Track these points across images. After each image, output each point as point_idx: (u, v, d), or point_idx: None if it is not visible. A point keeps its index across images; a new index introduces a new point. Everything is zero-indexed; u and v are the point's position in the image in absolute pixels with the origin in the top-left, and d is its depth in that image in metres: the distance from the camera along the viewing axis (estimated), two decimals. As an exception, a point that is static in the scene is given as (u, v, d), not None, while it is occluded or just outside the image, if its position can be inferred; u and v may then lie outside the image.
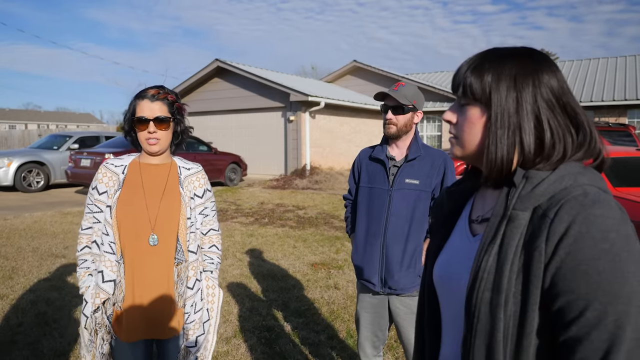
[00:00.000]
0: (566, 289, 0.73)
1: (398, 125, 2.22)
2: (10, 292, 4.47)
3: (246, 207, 9.76)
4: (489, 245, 0.83)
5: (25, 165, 11.66)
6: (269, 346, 3.38)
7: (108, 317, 1.81)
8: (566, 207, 0.76)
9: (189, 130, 1.93)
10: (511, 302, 0.78)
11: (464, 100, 0.90)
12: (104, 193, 1.83)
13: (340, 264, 5.55)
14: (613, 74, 19.09)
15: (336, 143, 16.27)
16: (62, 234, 6.98)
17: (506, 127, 0.84)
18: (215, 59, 15.83)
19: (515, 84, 0.84)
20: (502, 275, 0.79)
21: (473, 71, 0.88)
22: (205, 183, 1.96)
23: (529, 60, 0.86)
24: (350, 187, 2.55)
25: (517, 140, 0.84)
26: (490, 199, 0.94)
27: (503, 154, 0.85)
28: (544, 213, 0.78)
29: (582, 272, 0.72)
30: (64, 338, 3.47)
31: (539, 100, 0.83)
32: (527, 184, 0.82)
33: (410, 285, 2.21)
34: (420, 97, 2.27)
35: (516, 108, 0.84)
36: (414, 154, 2.23)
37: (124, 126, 1.85)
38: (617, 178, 4.99)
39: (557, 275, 0.74)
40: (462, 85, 0.89)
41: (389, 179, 2.25)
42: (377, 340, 2.38)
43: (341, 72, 21.04)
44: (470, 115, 0.90)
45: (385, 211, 2.23)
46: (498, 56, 0.87)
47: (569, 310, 0.73)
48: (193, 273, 1.88)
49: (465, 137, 0.91)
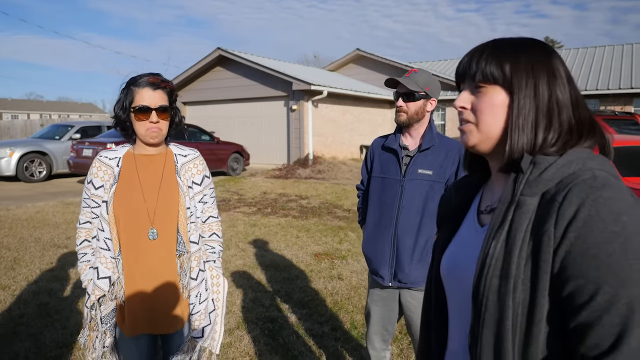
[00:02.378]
0: (576, 273, 0.71)
1: (409, 112, 2.15)
2: (12, 282, 4.45)
3: (249, 196, 9.73)
4: (496, 231, 0.81)
5: (28, 155, 11.64)
6: (272, 337, 3.35)
7: (108, 314, 1.77)
8: (575, 190, 0.74)
9: (182, 119, 1.88)
10: (520, 289, 0.76)
11: (482, 83, 0.87)
12: (100, 187, 1.78)
13: (343, 254, 5.52)
14: (619, 62, 18.89)
15: (339, 132, 16.19)
16: (65, 224, 6.97)
17: (527, 111, 0.84)
18: (217, 47, 15.71)
19: (533, 70, 0.84)
20: (510, 262, 0.77)
21: (489, 56, 0.87)
22: (203, 169, 1.89)
23: (541, 50, 0.87)
24: (363, 176, 2.47)
25: (537, 125, 0.84)
26: (498, 190, 0.93)
27: (525, 137, 0.84)
28: (553, 197, 0.76)
29: (592, 255, 0.70)
30: (66, 329, 3.45)
31: (553, 89, 0.84)
32: (534, 169, 0.80)
33: (421, 278, 2.16)
34: (434, 84, 2.18)
35: (534, 94, 0.84)
36: (427, 143, 2.16)
37: (118, 115, 1.75)
38: (624, 167, 4.89)
39: (567, 259, 0.72)
40: (481, 70, 0.87)
41: (402, 169, 2.19)
42: (386, 333, 2.34)
43: (344, 61, 20.88)
44: (491, 97, 0.87)
45: (396, 202, 2.17)
46: (511, 44, 0.88)
47: (579, 294, 0.71)
48: (196, 263, 1.83)
49: (486, 119, 0.87)
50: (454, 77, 0.96)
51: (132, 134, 1.80)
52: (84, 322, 1.80)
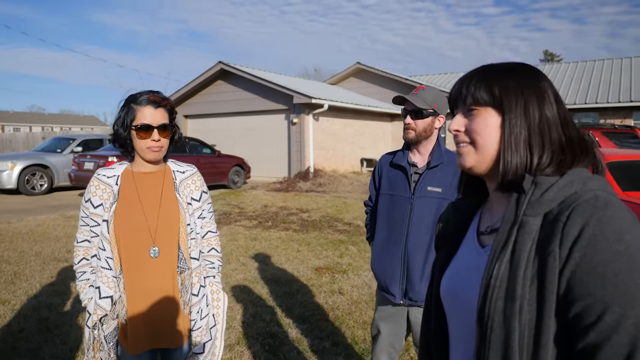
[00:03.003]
0: (583, 293, 0.71)
1: (417, 130, 2.16)
2: (12, 297, 4.44)
3: (249, 210, 9.73)
4: (500, 252, 0.81)
5: (29, 168, 11.67)
6: (272, 353, 3.33)
7: (110, 333, 1.76)
8: (578, 210, 0.75)
9: (181, 136, 1.89)
10: (525, 310, 0.76)
11: (474, 106, 0.89)
12: (99, 206, 1.78)
13: (344, 268, 5.50)
14: (618, 76, 18.98)
15: (340, 145, 16.22)
16: (65, 238, 6.96)
17: (519, 130, 0.85)
18: (218, 61, 15.81)
19: (522, 93, 0.86)
20: (515, 283, 0.77)
21: (479, 81, 0.89)
22: (201, 185, 1.90)
23: (529, 73, 0.89)
24: (371, 193, 2.47)
25: (531, 145, 0.85)
26: (497, 211, 0.93)
27: (518, 157, 0.85)
28: (556, 217, 0.77)
29: (599, 274, 0.70)
30: (65, 345, 3.43)
31: (544, 108, 0.86)
32: (536, 189, 0.81)
33: None
34: (442, 101, 2.18)
35: (525, 113, 0.85)
36: (436, 160, 2.16)
37: (118, 132, 1.75)
38: (625, 182, 4.88)
39: (573, 279, 0.72)
40: (471, 94, 0.89)
41: (411, 186, 2.19)
42: (393, 351, 2.33)
43: (345, 74, 21.00)
44: (484, 118, 0.89)
45: (406, 220, 2.17)
46: (499, 69, 0.90)
47: (586, 315, 0.71)
48: (197, 279, 1.84)
49: (481, 140, 0.89)
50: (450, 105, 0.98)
51: (131, 151, 1.80)
52: (86, 342, 1.79)
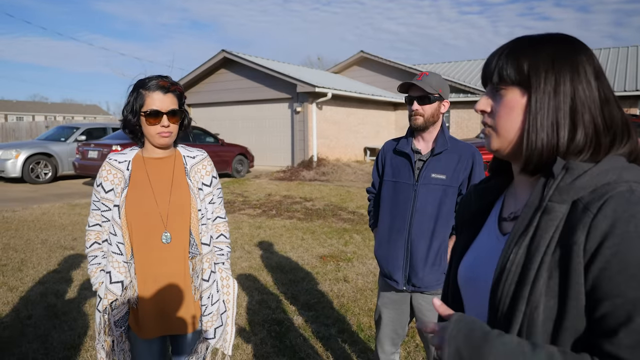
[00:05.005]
0: (613, 292, 0.68)
1: (425, 115, 2.14)
2: (20, 284, 4.47)
3: (253, 198, 9.74)
4: (520, 237, 0.78)
5: (33, 157, 11.70)
6: (279, 340, 3.35)
7: (121, 317, 1.77)
8: (611, 202, 0.70)
9: (190, 121, 1.88)
10: (537, 295, 0.73)
11: (500, 85, 0.84)
12: (110, 191, 1.78)
13: (349, 256, 5.52)
14: (624, 64, 18.82)
15: (343, 134, 16.19)
16: (71, 226, 6.99)
17: (546, 110, 0.79)
18: (221, 50, 15.74)
19: (553, 66, 0.79)
20: (530, 268, 0.74)
21: (508, 55, 0.83)
22: (211, 170, 1.90)
23: (565, 45, 0.81)
24: (374, 180, 2.46)
25: (558, 125, 0.79)
26: (522, 196, 0.89)
27: (543, 137, 0.79)
28: (586, 206, 0.72)
29: (631, 275, 0.67)
30: (73, 330, 3.46)
31: (578, 85, 0.79)
32: (567, 175, 0.76)
33: (435, 282, 2.15)
34: (445, 86, 2.18)
35: (555, 91, 0.79)
36: (440, 147, 2.15)
37: (128, 118, 1.74)
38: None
39: (601, 276, 0.69)
40: (497, 71, 0.84)
41: (415, 173, 2.17)
42: (396, 337, 2.33)
43: (348, 63, 20.88)
44: (508, 99, 0.84)
45: (410, 207, 2.16)
46: (533, 41, 0.83)
47: (616, 315, 0.68)
48: (208, 265, 1.84)
49: (503, 123, 0.84)
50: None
51: (141, 137, 1.80)
52: (97, 326, 1.81)
